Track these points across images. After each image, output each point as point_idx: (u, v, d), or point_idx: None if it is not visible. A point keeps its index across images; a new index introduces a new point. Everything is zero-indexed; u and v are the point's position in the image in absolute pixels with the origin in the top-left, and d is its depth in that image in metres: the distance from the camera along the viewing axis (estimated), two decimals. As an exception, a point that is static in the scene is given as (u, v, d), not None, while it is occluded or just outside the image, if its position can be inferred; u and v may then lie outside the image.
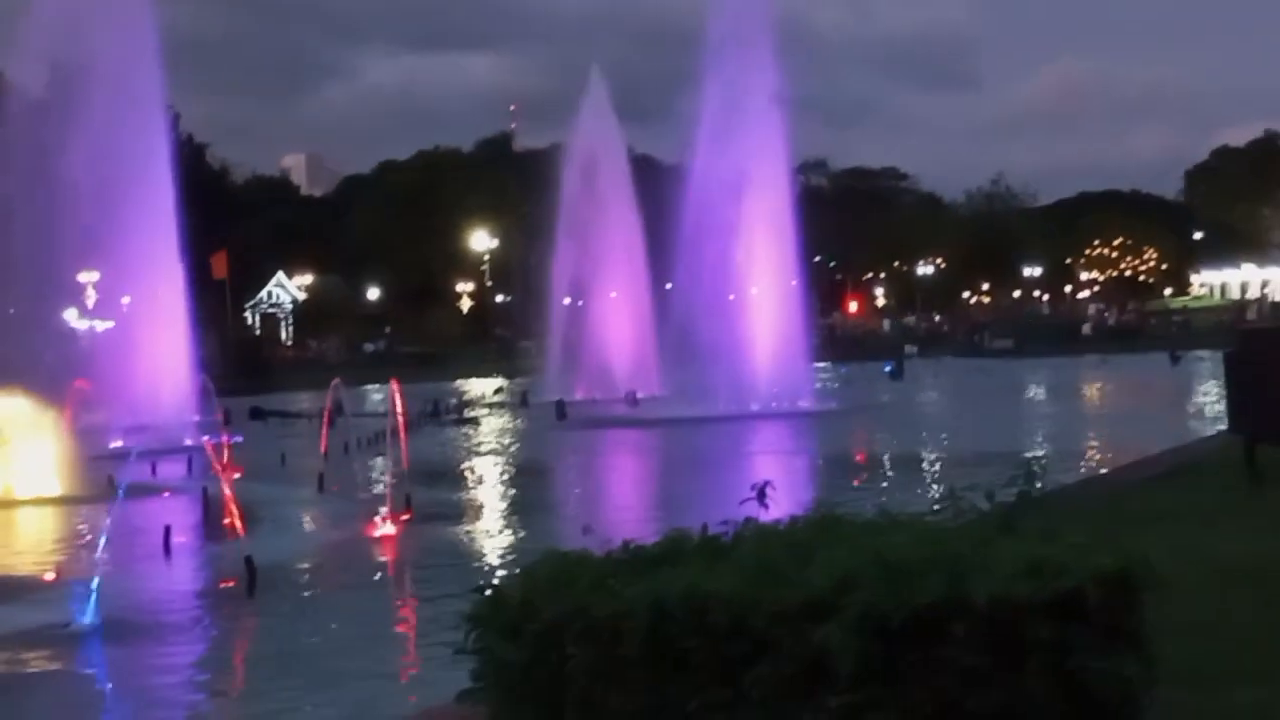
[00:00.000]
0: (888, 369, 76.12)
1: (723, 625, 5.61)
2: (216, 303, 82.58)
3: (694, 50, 56.70)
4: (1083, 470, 27.67)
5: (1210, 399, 45.06)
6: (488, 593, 6.35)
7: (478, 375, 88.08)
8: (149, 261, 48.94)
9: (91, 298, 57.56)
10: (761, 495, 7.05)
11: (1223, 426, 24.38)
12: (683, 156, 61.02)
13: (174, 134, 52.91)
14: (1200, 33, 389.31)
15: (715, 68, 55.58)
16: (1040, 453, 31.77)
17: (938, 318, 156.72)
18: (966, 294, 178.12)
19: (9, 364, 40.53)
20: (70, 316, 58.79)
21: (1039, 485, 6.97)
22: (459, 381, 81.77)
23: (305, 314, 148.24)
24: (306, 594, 18.59)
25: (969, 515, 6.65)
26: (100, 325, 56.56)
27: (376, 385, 66.38)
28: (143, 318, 49.83)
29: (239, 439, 44.61)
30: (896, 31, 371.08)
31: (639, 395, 58.90)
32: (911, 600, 5.50)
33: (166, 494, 29.83)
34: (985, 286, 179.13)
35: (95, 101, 47.38)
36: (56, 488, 30.22)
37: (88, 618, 15.80)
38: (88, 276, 55.77)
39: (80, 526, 26.22)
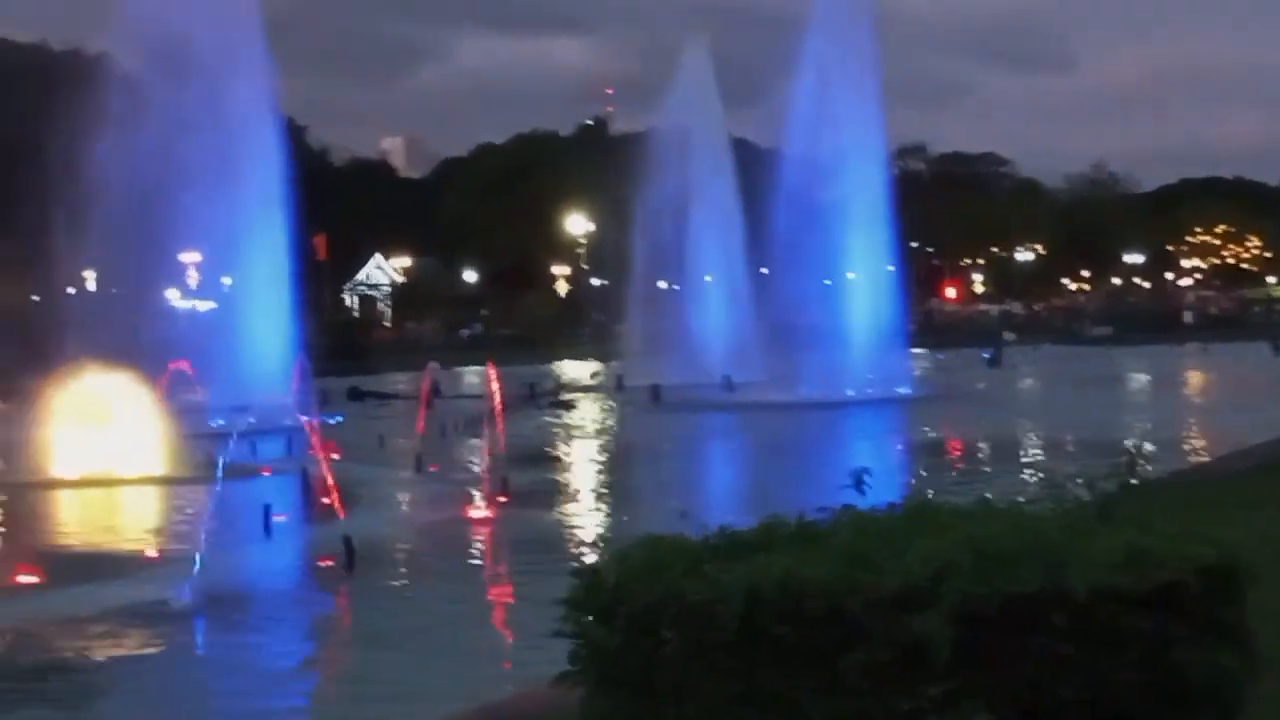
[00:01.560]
0: (986, 356, 75.62)
1: (818, 612, 5.60)
2: (316, 284, 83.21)
3: (789, 33, 56.65)
4: (1183, 460, 27.38)
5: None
6: (583, 576, 6.37)
7: (573, 358, 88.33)
8: (251, 242, 49.42)
9: (193, 278, 58.19)
10: (859, 482, 7.03)
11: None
12: (779, 140, 60.90)
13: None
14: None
15: (812, 51, 55.37)
16: (1140, 441, 31.43)
17: (1036, 305, 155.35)
18: (1066, 280, 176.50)
19: (112, 344, 41.02)
20: (172, 296, 59.46)
21: (1140, 474, 6.91)
22: (555, 364, 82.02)
23: (403, 296, 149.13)
24: (405, 574, 18.73)
25: (1068, 504, 6.60)
26: (202, 305, 57.19)
27: (473, 367, 66.76)
28: (244, 298, 50.33)
29: (337, 419, 45.06)
30: (990, 13, 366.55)
31: (734, 380, 58.73)
32: (1008, 590, 5.47)
33: (266, 473, 30.10)
34: (1085, 273, 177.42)
35: (199, 83, 47.85)
36: (158, 467, 30.57)
37: (189, 596, 16.01)
38: (189, 257, 56.38)
39: (181, 505, 26.54)
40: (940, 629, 5.42)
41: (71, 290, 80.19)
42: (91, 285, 75.33)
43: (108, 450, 30.76)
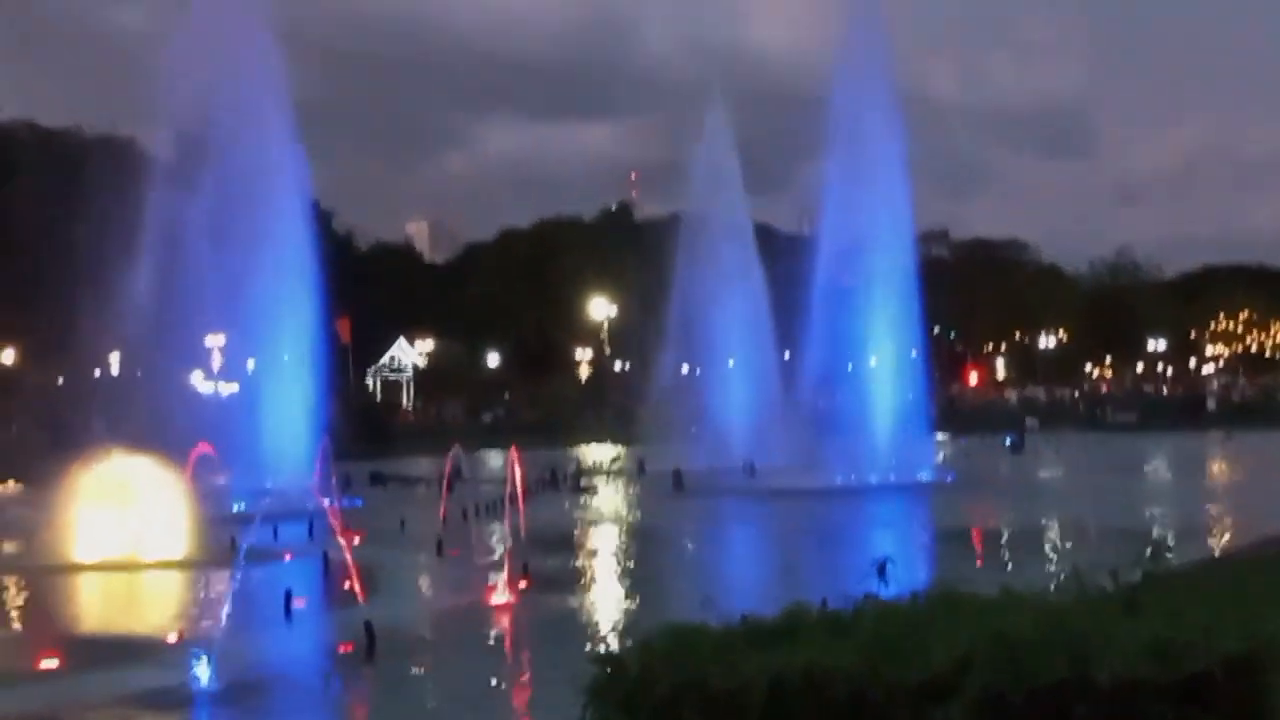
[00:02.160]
0: (1008, 442, 75.36)
1: (842, 701, 5.57)
2: (339, 367, 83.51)
3: (813, 120, 56.71)
4: (1207, 548, 27.22)
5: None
6: (605, 664, 6.34)
7: (595, 442, 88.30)
8: (275, 325, 49.53)
9: (217, 361, 58.32)
10: (882, 570, 7.01)
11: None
12: (801, 225, 61.15)
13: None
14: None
15: (838, 138, 55.51)
16: (1164, 530, 31.30)
17: (1059, 391, 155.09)
18: (1089, 367, 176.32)
19: (136, 426, 41.16)
20: (196, 379, 59.58)
21: (1163, 563, 6.88)
22: (577, 448, 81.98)
23: (426, 379, 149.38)
24: (425, 660, 18.64)
25: (1092, 593, 6.57)
26: (225, 388, 57.28)
27: (495, 451, 66.71)
28: (267, 381, 50.39)
29: (359, 503, 45.09)
30: (1013, 99, 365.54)
31: (756, 465, 58.70)
32: (1033, 680, 5.44)
33: (288, 557, 30.08)
34: (1108, 359, 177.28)
35: (228, 169, 48.09)
36: (180, 550, 30.56)
37: (208, 680, 15.96)
38: (214, 340, 56.52)
39: (203, 589, 26.52)
40: (965, 719, 5.38)
41: (97, 372, 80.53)
42: (116, 368, 75.64)
43: (130, 533, 30.77)
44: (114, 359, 77.89)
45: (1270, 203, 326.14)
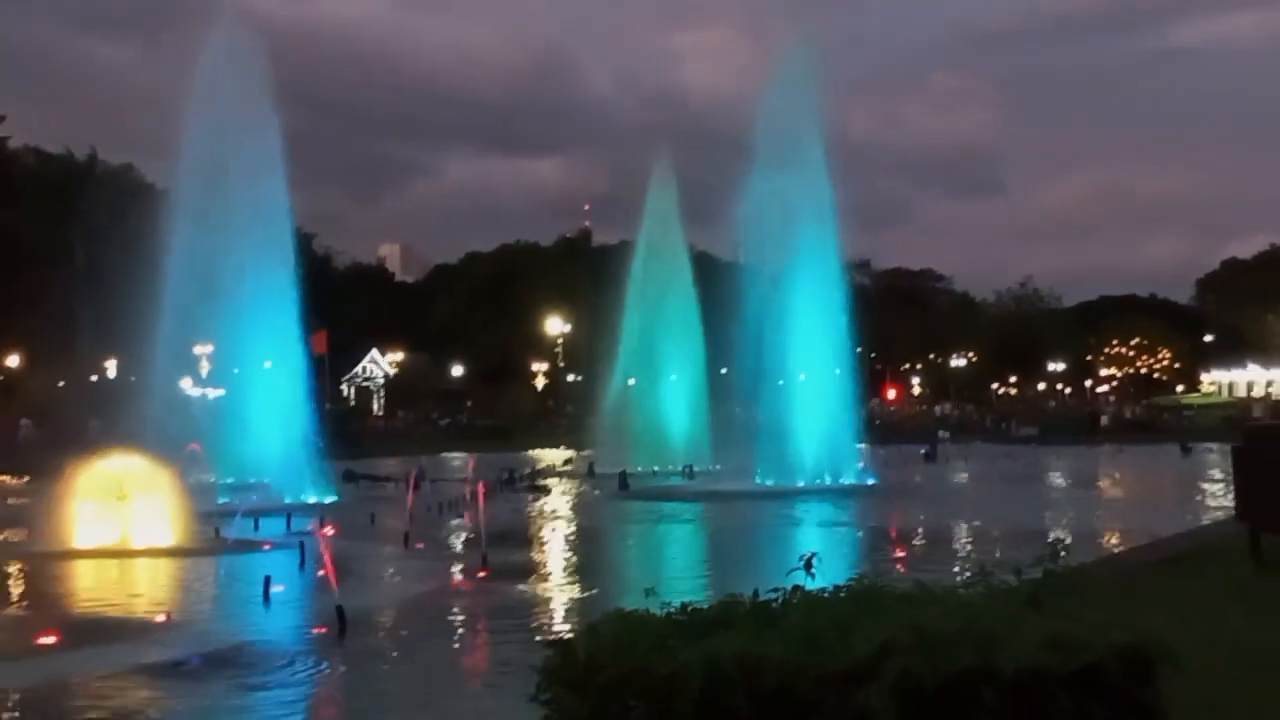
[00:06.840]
0: (922, 452, 75.68)
1: (771, 687, 5.57)
2: (317, 376, 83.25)
3: (746, 158, 56.65)
4: (1100, 551, 27.37)
5: (1218, 488, 44.68)
6: (557, 648, 6.33)
7: (549, 447, 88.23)
8: (259, 337, 49.25)
9: (205, 368, 57.88)
10: (808, 566, 7.01)
11: (1229, 513, 24.12)
12: (737, 254, 61.24)
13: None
14: (1213, 143, 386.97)
15: (767, 175, 55.48)
16: (1062, 532, 31.46)
17: (968, 407, 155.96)
18: (995, 385, 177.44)
19: (130, 427, 40.91)
20: (186, 384, 59.13)
21: (1061, 564, 6.94)
22: (532, 452, 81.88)
23: (395, 388, 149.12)
24: (391, 641, 18.57)
25: (998, 590, 6.61)
26: (212, 393, 56.87)
27: (457, 454, 66.53)
28: (251, 387, 50.09)
29: (333, 499, 44.97)
30: (928, 142, 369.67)
31: (695, 469, 58.85)
32: (945, 668, 5.46)
33: (267, 547, 29.96)
34: (1013, 379, 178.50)
35: (218, 192, 47.85)
36: (170, 539, 30.37)
37: (195, 657, 15.87)
38: (203, 348, 56.11)
39: (191, 575, 26.35)
40: (882, 703, 5.40)
41: (95, 377, 79.91)
42: (113, 373, 75.17)
43: (124, 524, 30.58)
44: (110, 365, 77.38)
45: (1162, 240, 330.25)
